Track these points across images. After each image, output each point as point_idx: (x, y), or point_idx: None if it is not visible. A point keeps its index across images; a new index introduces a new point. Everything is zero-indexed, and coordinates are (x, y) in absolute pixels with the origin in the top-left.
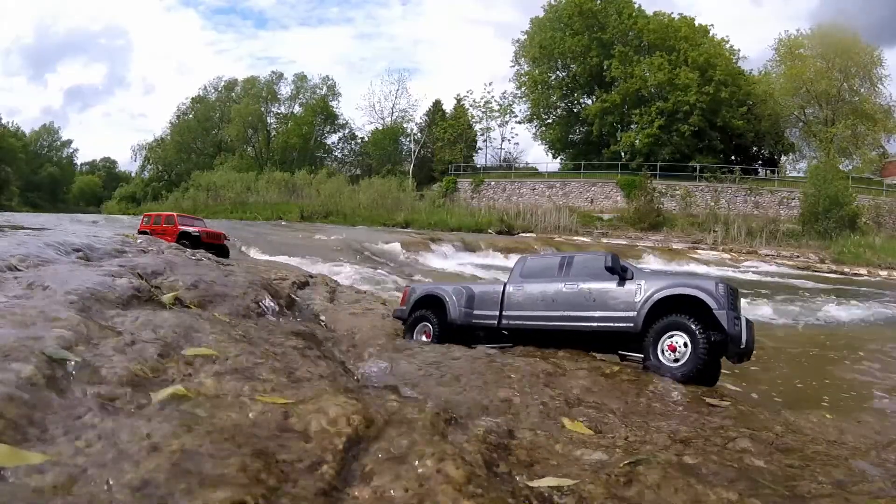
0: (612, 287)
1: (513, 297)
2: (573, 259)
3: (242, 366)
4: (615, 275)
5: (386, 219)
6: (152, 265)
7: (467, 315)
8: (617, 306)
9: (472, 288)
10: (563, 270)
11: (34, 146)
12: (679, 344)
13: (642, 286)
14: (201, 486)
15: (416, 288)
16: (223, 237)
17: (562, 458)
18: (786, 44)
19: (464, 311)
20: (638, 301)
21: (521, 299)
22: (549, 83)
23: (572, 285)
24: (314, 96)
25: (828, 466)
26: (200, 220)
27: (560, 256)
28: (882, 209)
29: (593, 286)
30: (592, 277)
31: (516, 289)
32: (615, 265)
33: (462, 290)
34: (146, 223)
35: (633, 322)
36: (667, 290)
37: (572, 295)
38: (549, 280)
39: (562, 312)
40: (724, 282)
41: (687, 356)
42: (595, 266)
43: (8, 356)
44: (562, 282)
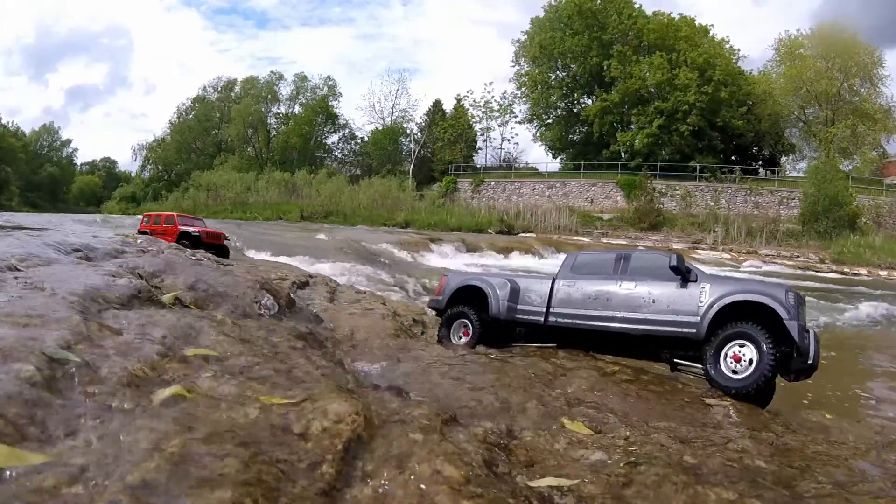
0: (673, 289)
1: (562, 293)
2: (630, 257)
3: (242, 366)
4: (679, 276)
5: (386, 219)
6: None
7: (510, 310)
8: (679, 310)
9: (517, 280)
10: (618, 268)
11: (34, 146)
12: (744, 355)
13: (707, 290)
14: (201, 487)
15: (454, 276)
16: (223, 237)
17: (562, 458)
18: (786, 44)
19: (507, 305)
20: (702, 305)
21: (571, 296)
22: (549, 83)
23: (629, 284)
24: (314, 96)
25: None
26: (200, 220)
27: (615, 253)
28: (882, 209)
29: (653, 286)
30: (652, 277)
31: (566, 285)
32: (681, 265)
33: (506, 281)
34: (146, 223)
35: (695, 328)
36: (734, 295)
37: (629, 295)
38: (604, 277)
39: (616, 313)
40: (792, 289)
41: (751, 369)
42: (655, 265)
43: (8, 356)
44: (617, 280)
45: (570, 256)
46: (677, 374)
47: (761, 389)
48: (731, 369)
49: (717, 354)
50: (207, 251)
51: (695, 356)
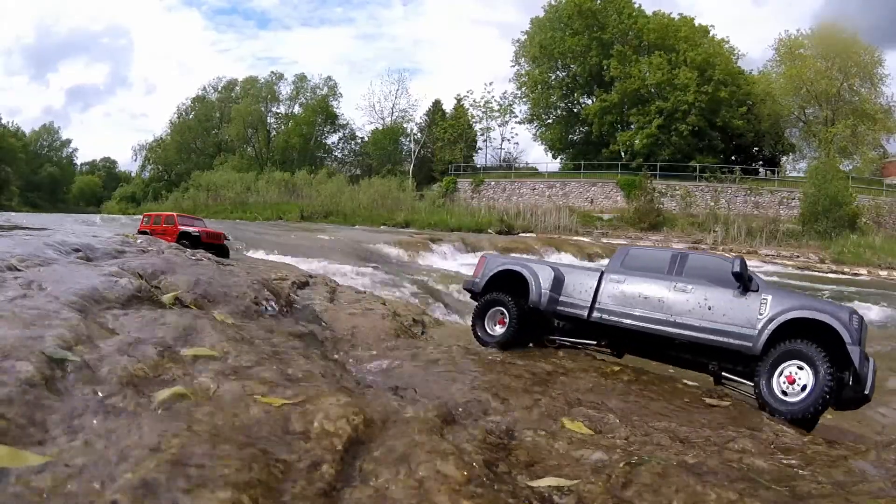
0: (731, 296)
1: (610, 288)
2: (687, 257)
3: (242, 366)
4: (740, 283)
5: (386, 219)
6: (152, 265)
7: (552, 300)
8: (735, 320)
9: (562, 270)
10: (674, 268)
11: (34, 146)
12: (799, 378)
13: (768, 302)
14: (201, 487)
15: (494, 259)
16: (223, 237)
17: (562, 458)
18: (786, 44)
19: (549, 294)
20: (761, 318)
21: (619, 293)
22: (549, 83)
23: (684, 287)
24: (314, 97)
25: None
26: (200, 220)
27: (670, 252)
28: (882, 209)
29: (710, 291)
30: (709, 281)
31: (616, 280)
32: (744, 272)
33: (550, 269)
34: (146, 223)
35: (751, 341)
36: (797, 311)
37: (683, 298)
38: (657, 277)
39: (667, 316)
40: (856, 312)
41: (806, 393)
42: (714, 269)
43: (8, 356)
44: (671, 281)
45: (621, 251)
46: (677, 373)
47: (815, 417)
48: (783, 390)
49: (771, 373)
50: (207, 251)
51: (745, 372)
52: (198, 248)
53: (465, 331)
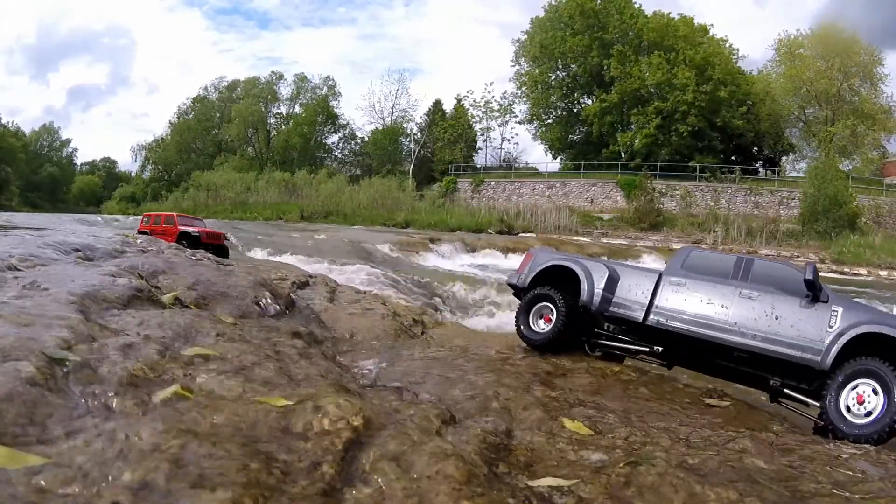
0: (799, 306)
1: (669, 291)
2: (753, 262)
3: (242, 366)
4: (811, 292)
5: (386, 219)
6: (152, 265)
7: (604, 300)
8: (804, 331)
9: (617, 268)
10: (739, 273)
11: (34, 146)
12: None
13: (839, 314)
14: (201, 487)
15: (542, 254)
16: (223, 237)
17: (562, 458)
18: (785, 44)
19: (602, 294)
20: (831, 332)
21: (679, 296)
22: (549, 83)
23: (750, 294)
24: (315, 97)
25: (828, 466)
26: (200, 221)
27: (735, 256)
28: (882, 209)
29: (777, 300)
30: (777, 289)
31: (675, 282)
32: (817, 281)
33: (604, 267)
34: (146, 223)
35: (820, 356)
36: (870, 325)
37: (749, 305)
38: (721, 281)
39: (731, 324)
40: None
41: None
42: (782, 276)
43: (8, 356)
44: (736, 287)
45: (681, 252)
46: (676, 373)
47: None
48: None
49: (839, 392)
50: (207, 251)
51: (809, 389)
52: (198, 248)
53: (466, 331)
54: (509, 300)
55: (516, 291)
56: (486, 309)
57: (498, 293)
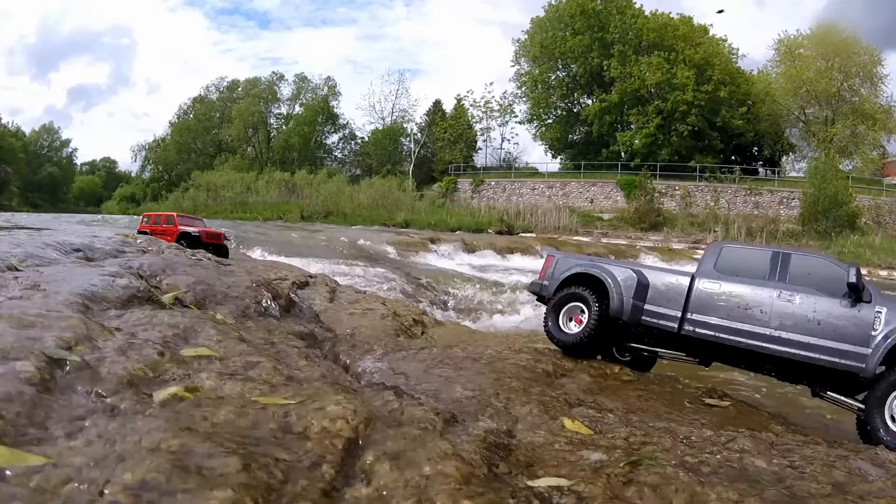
0: (840, 307)
1: (704, 295)
2: (790, 258)
3: (242, 366)
4: (854, 293)
5: (386, 219)
6: (152, 265)
7: (635, 309)
8: (847, 336)
9: (645, 273)
10: (775, 271)
11: (34, 146)
12: None
13: (882, 316)
14: (201, 487)
15: (565, 260)
16: (223, 237)
17: (562, 458)
18: (786, 44)
19: (632, 302)
20: (876, 335)
21: (715, 301)
22: (550, 83)
23: (789, 296)
24: (315, 97)
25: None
26: (200, 221)
27: (770, 251)
28: (882, 209)
29: (818, 302)
30: (816, 289)
31: (709, 285)
32: (860, 281)
33: (631, 273)
34: (146, 223)
35: (864, 362)
36: None
37: (789, 309)
38: (757, 282)
39: (770, 330)
40: None
41: None
42: (821, 273)
43: (8, 356)
44: (774, 287)
45: (713, 249)
46: (677, 373)
47: None
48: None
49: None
50: (207, 251)
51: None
52: (198, 247)
53: (466, 331)
54: (510, 300)
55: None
56: (487, 309)
57: (498, 293)
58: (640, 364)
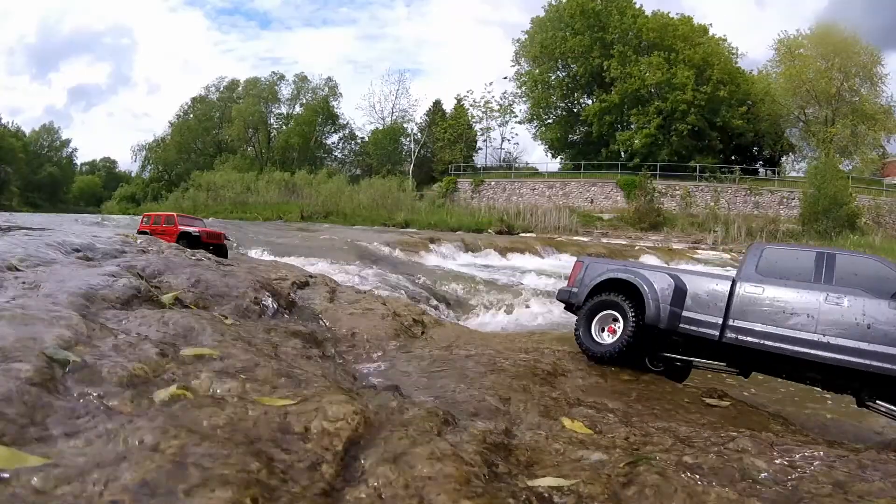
0: (890, 309)
1: (746, 300)
2: (835, 259)
3: (242, 366)
4: None
5: (386, 219)
6: (152, 265)
7: (673, 317)
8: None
9: (682, 277)
10: (821, 272)
11: (34, 146)
12: None
13: None
14: (201, 487)
15: (595, 265)
16: (223, 237)
17: (561, 458)
18: (785, 44)
19: (670, 310)
20: None
21: (758, 306)
22: (550, 83)
23: (837, 299)
24: (315, 97)
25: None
26: (200, 221)
27: (814, 252)
28: (882, 209)
29: (867, 304)
30: (864, 290)
31: (752, 290)
32: None
33: (667, 277)
34: (146, 223)
35: None
36: None
37: (837, 313)
38: (802, 285)
39: (818, 336)
40: None
41: None
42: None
43: (8, 356)
44: (821, 290)
45: (754, 250)
46: None
47: None
48: None
49: None
50: (207, 251)
51: None
52: (198, 247)
53: (466, 331)
54: (510, 300)
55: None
56: (487, 309)
57: (498, 293)
58: (675, 374)
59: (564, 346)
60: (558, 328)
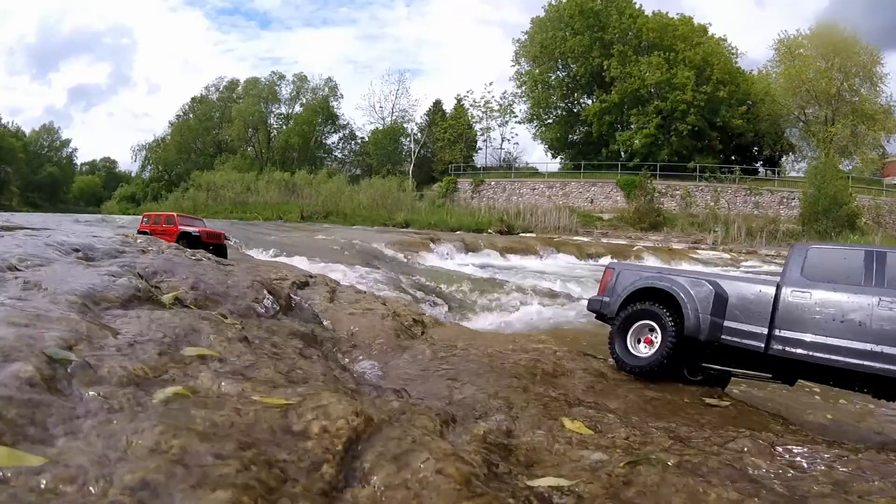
0: None
1: (793, 307)
2: (886, 257)
3: (242, 366)
4: None
5: (386, 219)
6: (152, 265)
7: (714, 328)
8: None
9: (722, 283)
10: (872, 275)
11: (34, 146)
12: None
13: None
14: (201, 487)
15: (627, 272)
16: (223, 237)
17: (562, 458)
18: (785, 44)
19: (710, 320)
20: None
21: (806, 313)
22: (550, 83)
23: (890, 301)
24: (315, 97)
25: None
26: (200, 221)
27: (863, 250)
28: (882, 209)
29: None
30: None
31: (798, 295)
32: None
33: (706, 284)
34: (146, 223)
35: None
36: None
37: (891, 319)
38: (852, 288)
39: (871, 345)
40: None
41: None
42: None
43: (8, 356)
44: (873, 294)
45: (798, 251)
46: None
47: None
48: None
49: None
50: (207, 251)
51: None
52: (198, 247)
53: (466, 331)
54: (510, 300)
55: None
56: (487, 309)
57: (498, 293)
58: (714, 382)
59: (564, 346)
60: (558, 328)
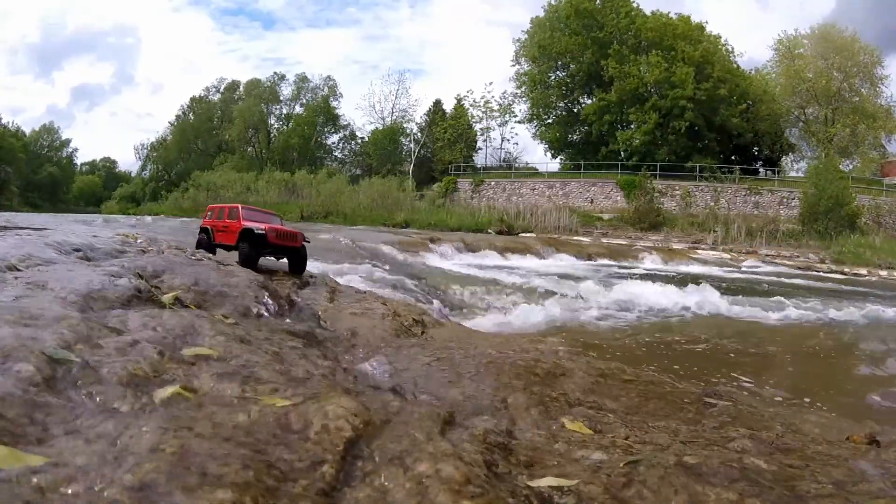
0: None
1: None
2: None
3: (242, 366)
4: None
5: (386, 219)
6: (152, 265)
7: None
8: None
9: None
10: None
11: (34, 146)
12: None
13: None
14: (201, 487)
15: None
16: (301, 237)
17: (562, 458)
18: (785, 43)
19: None
20: None
21: None
22: (549, 83)
23: None
24: (315, 97)
25: (828, 466)
26: (274, 215)
27: None
28: (882, 209)
29: None
30: None
31: None
32: None
33: None
34: (210, 218)
35: None
36: None
37: None
38: None
39: None
40: None
41: None
42: None
43: (8, 356)
44: None
45: None
46: (676, 373)
47: None
48: None
49: None
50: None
51: None
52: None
53: (466, 331)
54: (510, 300)
55: None
56: (487, 309)
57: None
58: None
59: (564, 346)
60: (558, 328)
